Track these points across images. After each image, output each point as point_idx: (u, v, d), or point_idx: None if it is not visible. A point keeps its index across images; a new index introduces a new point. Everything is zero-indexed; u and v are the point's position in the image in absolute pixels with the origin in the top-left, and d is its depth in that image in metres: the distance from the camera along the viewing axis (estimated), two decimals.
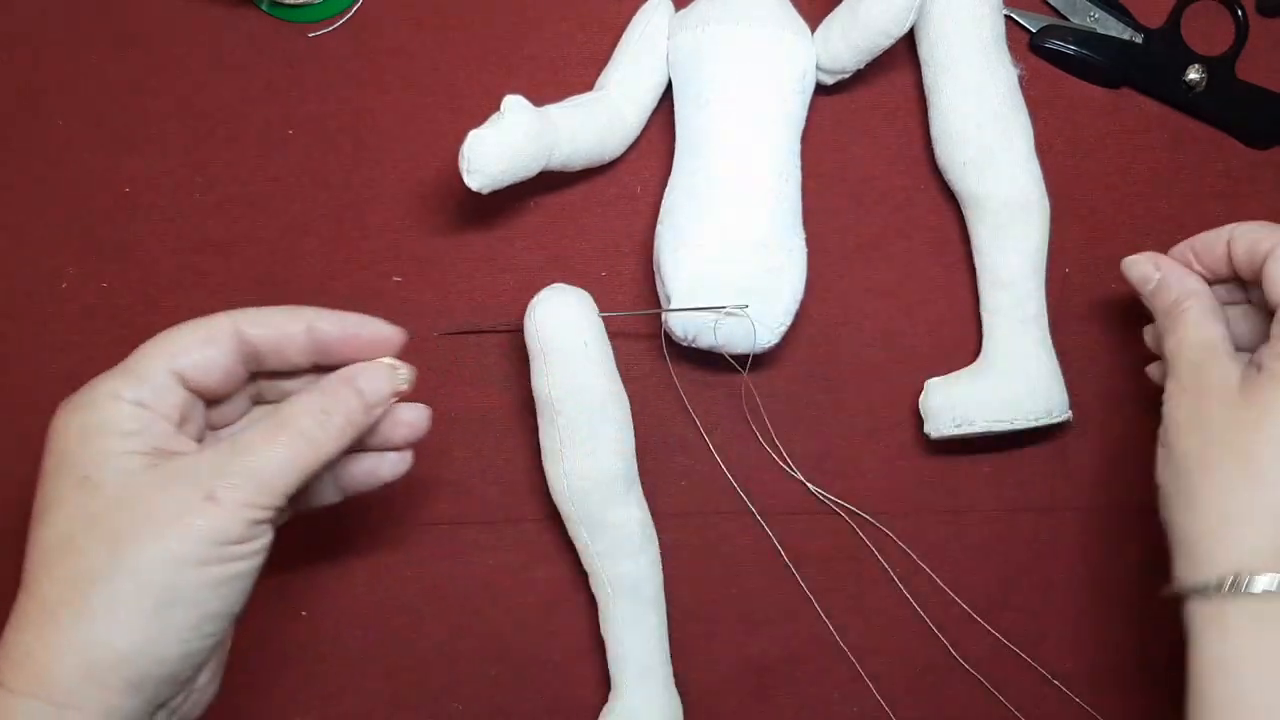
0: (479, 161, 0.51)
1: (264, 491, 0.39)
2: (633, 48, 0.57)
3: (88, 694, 0.37)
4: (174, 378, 0.42)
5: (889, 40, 0.54)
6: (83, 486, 0.39)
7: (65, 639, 0.37)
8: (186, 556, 0.38)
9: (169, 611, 0.38)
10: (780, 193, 0.54)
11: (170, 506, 0.38)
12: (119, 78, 0.60)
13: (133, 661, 0.38)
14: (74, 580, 0.38)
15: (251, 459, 0.40)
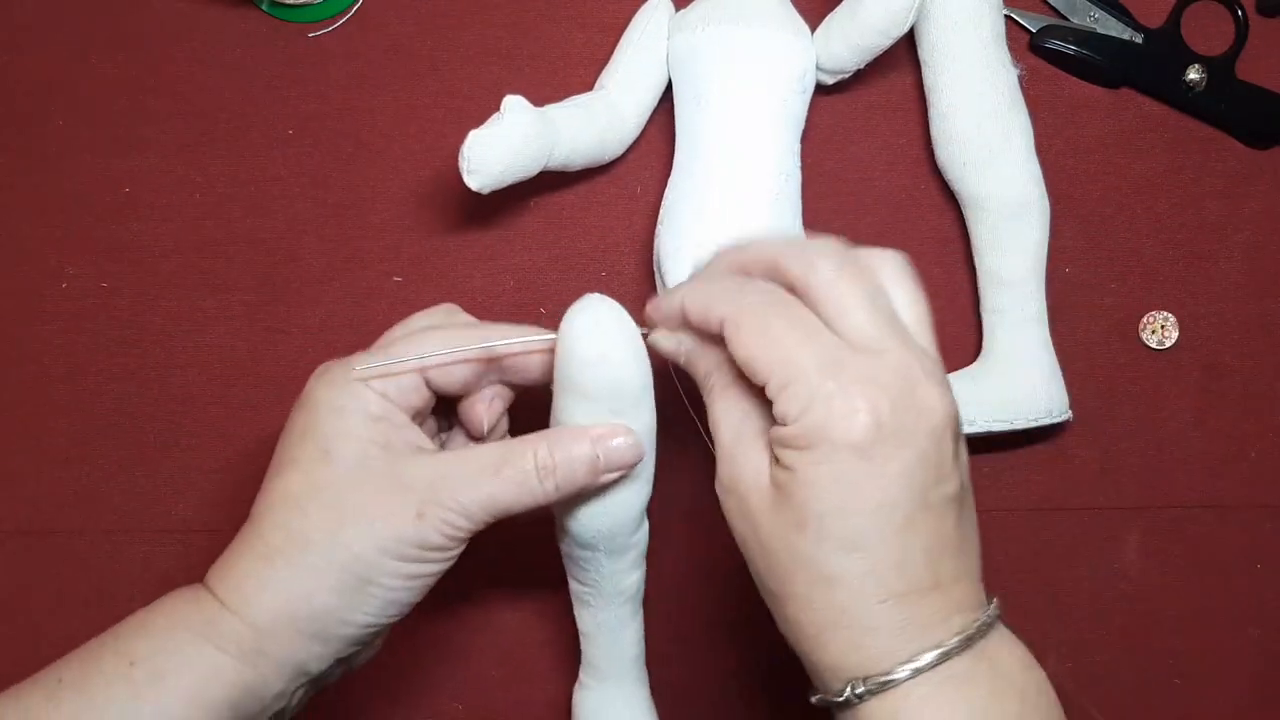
0: (479, 162, 0.51)
1: (469, 517, 0.43)
2: (633, 48, 0.57)
3: (282, 632, 0.42)
4: (420, 379, 0.46)
5: (888, 41, 0.54)
6: (322, 458, 0.43)
7: (275, 582, 0.42)
8: (389, 550, 0.43)
9: (363, 589, 0.43)
10: (781, 192, 0.54)
11: (387, 505, 0.43)
12: (119, 78, 0.60)
13: (323, 619, 0.43)
14: (293, 536, 0.43)
15: (469, 489, 0.43)
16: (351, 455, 0.43)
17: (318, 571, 0.42)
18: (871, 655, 0.38)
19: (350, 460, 0.43)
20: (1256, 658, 0.59)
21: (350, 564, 0.42)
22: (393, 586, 0.43)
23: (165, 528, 0.59)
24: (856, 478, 0.37)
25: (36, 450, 0.59)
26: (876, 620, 0.38)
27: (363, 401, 0.44)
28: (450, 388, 0.46)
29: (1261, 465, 0.59)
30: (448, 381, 0.46)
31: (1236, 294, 0.59)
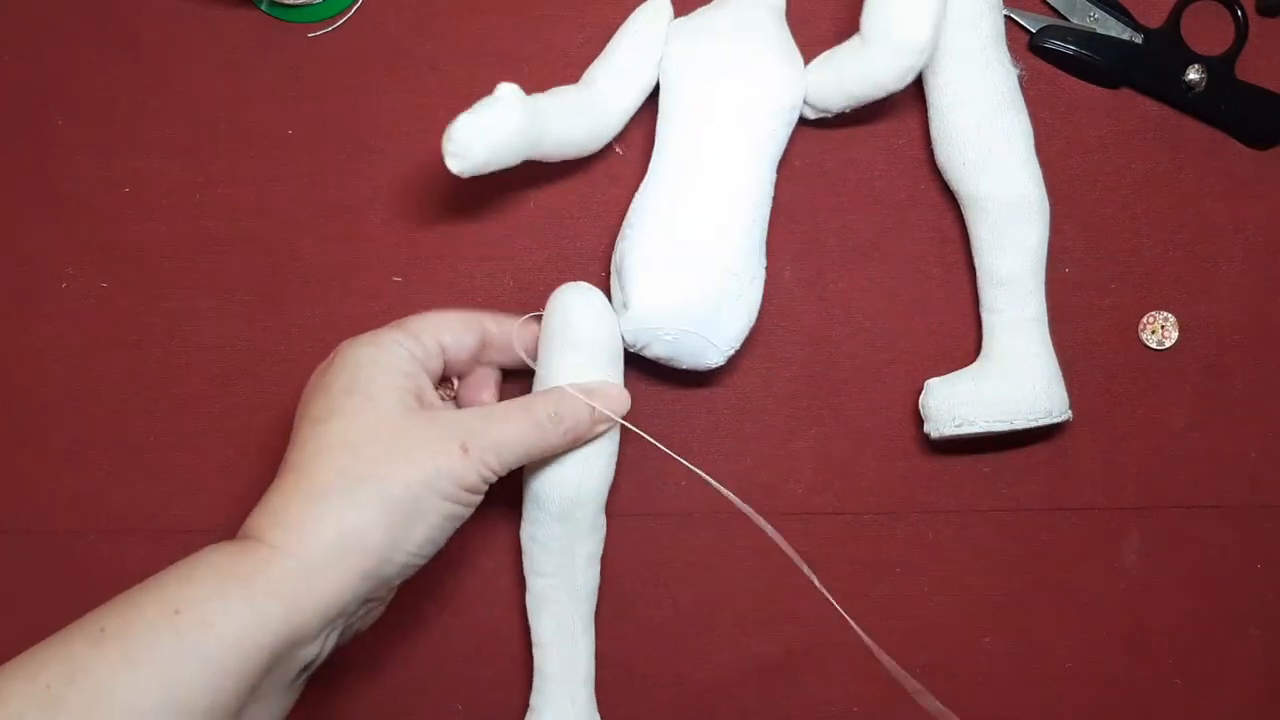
0: (463, 146, 0.51)
1: (500, 457, 0.48)
2: (628, 46, 0.57)
3: (335, 565, 0.44)
4: (439, 346, 0.51)
5: (883, 94, 0.54)
6: (369, 406, 0.47)
7: (331, 516, 0.44)
8: (436, 487, 0.46)
9: (410, 524, 0.45)
10: (749, 217, 0.54)
11: (433, 444, 0.46)
12: (119, 78, 0.60)
13: (373, 554, 0.45)
14: (348, 473, 0.45)
15: (499, 429, 0.48)
16: (395, 402, 0.47)
17: (372, 506, 0.45)
18: None
19: (395, 406, 0.47)
20: (1257, 658, 0.59)
21: (403, 498, 0.45)
22: (434, 525, 0.46)
23: (165, 528, 0.59)
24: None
25: (36, 450, 0.59)
26: None
27: (398, 359, 0.49)
28: (459, 360, 0.52)
29: (1262, 465, 0.59)
30: (458, 353, 0.52)
31: (1237, 294, 0.59)
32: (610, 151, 0.59)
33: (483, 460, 0.47)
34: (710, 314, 0.53)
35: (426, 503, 0.46)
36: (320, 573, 0.44)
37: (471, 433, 0.47)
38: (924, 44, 0.52)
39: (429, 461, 0.46)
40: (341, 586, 0.44)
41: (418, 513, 0.46)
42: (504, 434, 0.48)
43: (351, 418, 0.46)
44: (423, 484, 0.46)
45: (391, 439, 0.46)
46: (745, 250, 0.54)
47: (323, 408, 0.47)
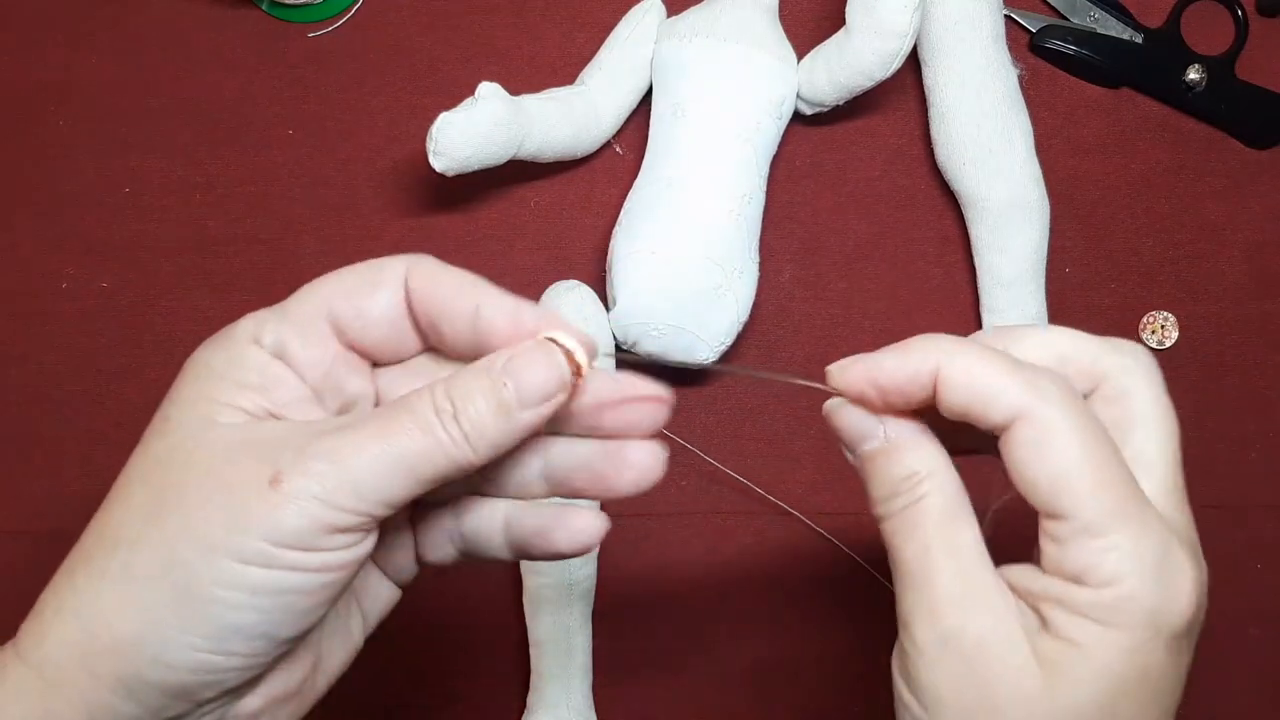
0: (446, 145, 0.52)
1: (347, 491, 0.30)
2: (619, 47, 0.57)
3: (76, 678, 0.30)
4: (327, 325, 0.34)
5: (871, 83, 0.54)
6: (160, 428, 0.32)
7: (72, 604, 0.31)
8: (224, 546, 0.30)
9: (185, 605, 0.30)
10: (740, 214, 0.54)
11: (228, 478, 0.30)
12: (119, 78, 0.60)
13: (127, 655, 0.30)
14: (104, 535, 0.32)
15: (340, 444, 0.30)
16: (195, 422, 0.32)
17: (123, 582, 0.30)
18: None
19: (192, 427, 0.31)
20: (1257, 658, 0.59)
21: (167, 570, 0.30)
22: (236, 604, 0.30)
23: None
24: (1160, 674, 0.31)
25: (36, 450, 0.59)
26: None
27: (238, 361, 0.33)
28: (371, 338, 0.34)
29: (1262, 465, 0.59)
30: (364, 326, 0.34)
31: (1236, 294, 0.59)
32: (610, 151, 0.59)
33: (314, 497, 0.30)
34: (697, 308, 0.53)
35: (213, 571, 0.30)
36: (58, 687, 0.30)
37: (294, 450, 0.30)
38: (905, 28, 0.52)
39: (214, 507, 0.30)
40: (92, 704, 0.31)
41: (194, 584, 0.30)
42: (354, 450, 0.30)
43: (145, 445, 0.32)
44: (201, 544, 0.30)
45: (171, 474, 0.31)
46: (731, 243, 0.54)
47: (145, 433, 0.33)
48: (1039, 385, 0.31)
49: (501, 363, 0.32)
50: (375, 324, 0.34)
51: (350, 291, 0.34)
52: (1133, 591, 0.29)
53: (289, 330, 0.33)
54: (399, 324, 0.34)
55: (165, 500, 0.31)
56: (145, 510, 0.31)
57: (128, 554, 0.31)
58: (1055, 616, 0.30)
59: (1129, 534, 0.30)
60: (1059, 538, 0.30)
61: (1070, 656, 0.30)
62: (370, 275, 0.34)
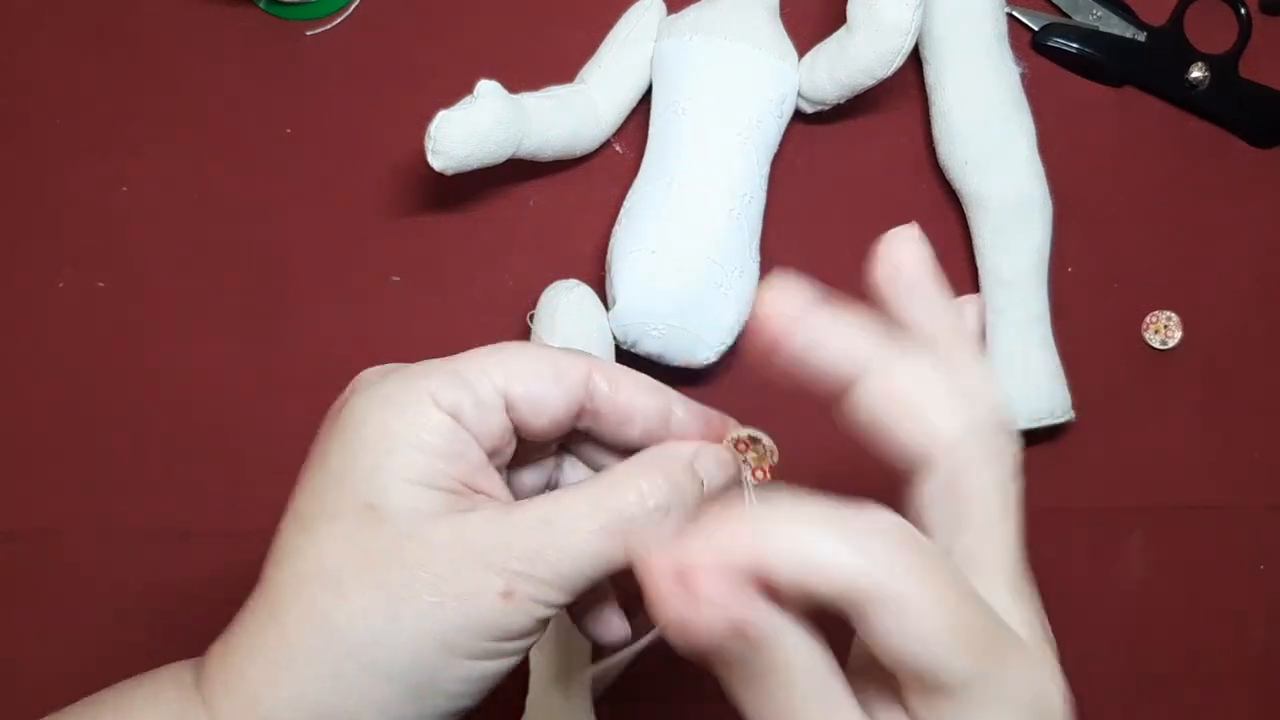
0: (445, 143, 0.51)
1: (564, 590, 0.33)
2: (619, 45, 0.57)
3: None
4: (502, 400, 0.34)
5: (872, 81, 0.54)
6: (367, 517, 0.32)
7: (300, 699, 0.32)
8: (460, 647, 0.32)
9: (420, 700, 0.32)
10: (741, 212, 0.54)
11: (461, 584, 0.31)
12: (116, 77, 0.60)
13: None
14: (328, 629, 0.32)
15: (563, 552, 0.32)
16: (408, 514, 0.32)
17: (361, 684, 0.31)
18: None
19: (407, 519, 0.32)
20: (1260, 658, 0.59)
21: (408, 669, 0.31)
22: (459, 694, 0.33)
23: (163, 529, 0.58)
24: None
25: (34, 451, 0.59)
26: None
27: (427, 428, 0.33)
28: (536, 424, 0.35)
29: (1265, 465, 0.59)
30: (535, 413, 0.34)
31: (1240, 293, 0.59)
32: (609, 149, 0.59)
33: (538, 600, 0.32)
34: (697, 307, 0.53)
35: (446, 672, 0.32)
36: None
37: (522, 562, 0.32)
38: (906, 25, 0.52)
39: (453, 614, 0.31)
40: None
41: (430, 682, 0.32)
42: (577, 560, 0.32)
43: (344, 531, 0.32)
44: (440, 647, 0.31)
45: (397, 572, 0.32)
46: (731, 241, 0.54)
47: (311, 503, 0.33)
48: (876, 554, 0.28)
49: (702, 465, 0.36)
50: (548, 414, 0.35)
51: (534, 378, 0.34)
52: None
53: (469, 399, 0.33)
54: (567, 418, 0.35)
55: (397, 603, 0.31)
56: (375, 611, 0.31)
57: (363, 655, 0.31)
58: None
59: (999, 683, 0.29)
60: (930, 704, 0.29)
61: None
62: (555, 369, 0.35)
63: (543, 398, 0.34)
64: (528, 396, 0.34)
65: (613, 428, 0.36)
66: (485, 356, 0.34)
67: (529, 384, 0.34)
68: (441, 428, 0.33)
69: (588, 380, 0.35)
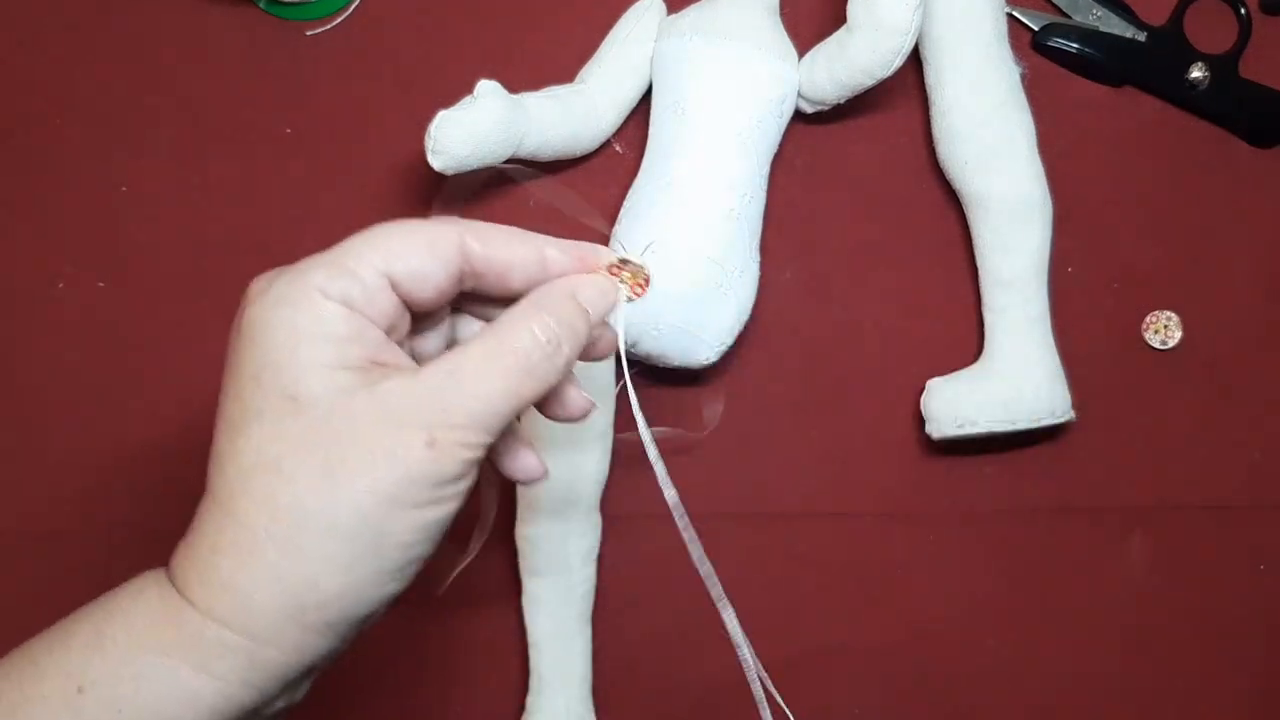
0: (444, 143, 0.51)
1: (482, 430, 0.36)
2: (619, 45, 0.57)
3: (287, 632, 0.35)
4: (386, 281, 0.37)
5: (872, 81, 0.54)
6: (290, 407, 0.35)
7: (273, 574, 0.35)
8: (402, 498, 0.35)
9: (377, 555, 0.35)
10: (740, 212, 0.54)
11: (387, 443, 0.35)
12: (116, 76, 0.60)
13: (335, 604, 0.35)
14: (282, 511, 0.35)
15: (472, 396, 0.36)
16: (326, 392, 0.35)
17: (322, 550, 0.35)
18: None
19: (327, 398, 0.35)
20: (1260, 659, 0.59)
21: (358, 529, 0.35)
22: (410, 542, 0.36)
23: (162, 529, 0.58)
24: None
25: (33, 451, 0.59)
26: None
27: (324, 318, 0.36)
28: (422, 296, 0.38)
29: (1265, 466, 0.59)
30: (419, 287, 0.37)
31: (1240, 293, 0.59)
32: (609, 149, 0.59)
33: (461, 443, 0.36)
34: (696, 307, 0.53)
35: (393, 524, 0.35)
36: (269, 643, 0.35)
37: (438, 413, 0.36)
38: (906, 25, 0.52)
39: (386, 471, 0.35)
40: (300, 649, 0.36)
41: (383, 537, 0.35)
42: (488, 400, 0.36)
43: (273, 425, 0.35)
44: (384, 503, 0.35)
45: (331, 447, 0.35)
46: (731, 241, 0.54)
47: (235, 406, 0.37)
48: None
49: (584, 296, 0.39)
50: (431, 284, 0.37)
51: (410, 256, 0.37)
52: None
53: (355, 286, 0.36)
54: (449, 285, 0.38)
55: (335, 473, 0.35)
56: (318, 484, 0.35)
57: (317, 528, 0.35)
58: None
59: None
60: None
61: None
62: (429, 241, 0.37)
63: (422, 270, 0.37)
64: (408, 272, 0.37)
65: (495, 282, 0.39)
66: (361, 242, 0.37)
67: (408, 260, 0.37)
68: (336, 316, 0.36)
69: (461, 244, 0.38)
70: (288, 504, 0.35)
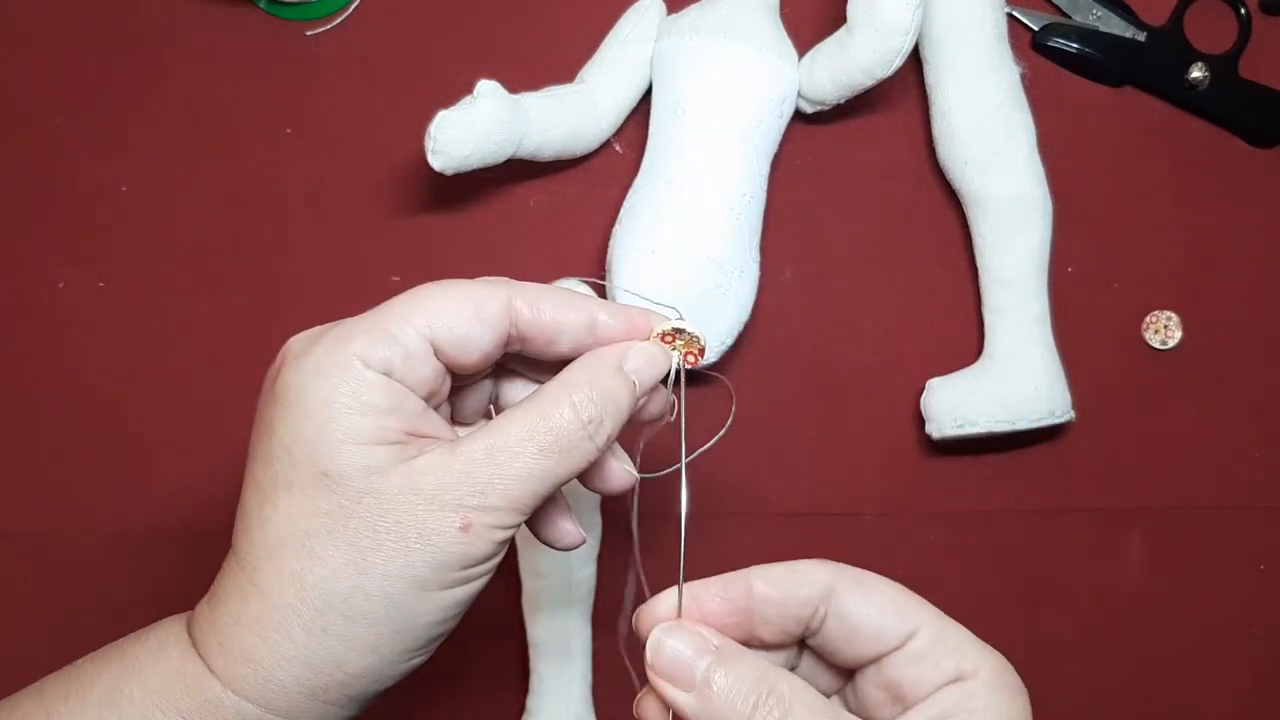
0: (445, 143, 0.51)
1: (517, 512, 0.35)
2: (618, 45, 0.57)
3: (307, 707, 0.35)
4: (429, 346, 0.35)
5: (872, 81, 0.54)
6: (322, 483, 0.34)
7: (296, 654, 0.34)
8: (432, 581, 0.35)
9: (404, 634, 0.35)
10: (740, 212, 0.54)
11: (419, 526, 0.34)
12: (116, 76, 0.60)
13: (359, 682, 0.35)
14: (309, 590, 0.34)
15: (509, 478, 0.35)
16: (360, 471, 0.34)
17: (347, 633, 0.34)
18: None
19: (360, 478, 0.34)
20: (1260, 659, 0.59)
21: (386, 612, 0.34)
22: (438, 621, 0.36)
23: (162, 529, 0.58)
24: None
25: (33, 451, 0.59)
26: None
27: (363, 390, 0.34)
28: (466, 360, 0.36)
29: (1265, 466, 0.59)
30: (463, 352, 0.36)
31: (1240, 293, 0.59)
32: (609, 149, 0.59)
33: (494, 525, 0.35)
34: (696, 307, 0.53)
35: (422, 606, 0.35)
36: (288, 717, 0.35)
37: (474, 495, 0.34)
38: (906, 24, 0.52)
39: (418, 554, 0.34)
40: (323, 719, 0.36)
41: (411, 619, 0.35)
42: (524, 484, 0.35)
43: (305, 500, 0.34)
44: (414, 587, 0.34)
45: (361, 528, 0.34)
46: (731, 241, 0.54)
47: (265, 472, 0.35)
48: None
49: (631, 367, 0.37)
50: (476, 351, 0.36)
51: (455, 320, 0.36)
52: (994, 666, 0.35)
53: (398, 354, 0.35)
54: (495, 350, 0.37)
55: (365, 555, 0.34)
56: (347, 566, 0.34)
57: (348, 608, 0.34)
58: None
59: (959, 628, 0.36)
60: (921, 653, 0.35)
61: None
62: (475, 305, 0.36)
63: (468, 336, 0.36)
64: (453, 338, 0.35)
65: (542, 346, 0.37)
66: (405, 305, 0.35)
67: (453, 326, 0.35)
68: (376, 387, 0.34)
69: (509, 308, 0.36)
70: (315, 583, 0.34)
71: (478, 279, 0.37)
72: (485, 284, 0.37)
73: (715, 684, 0.34)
